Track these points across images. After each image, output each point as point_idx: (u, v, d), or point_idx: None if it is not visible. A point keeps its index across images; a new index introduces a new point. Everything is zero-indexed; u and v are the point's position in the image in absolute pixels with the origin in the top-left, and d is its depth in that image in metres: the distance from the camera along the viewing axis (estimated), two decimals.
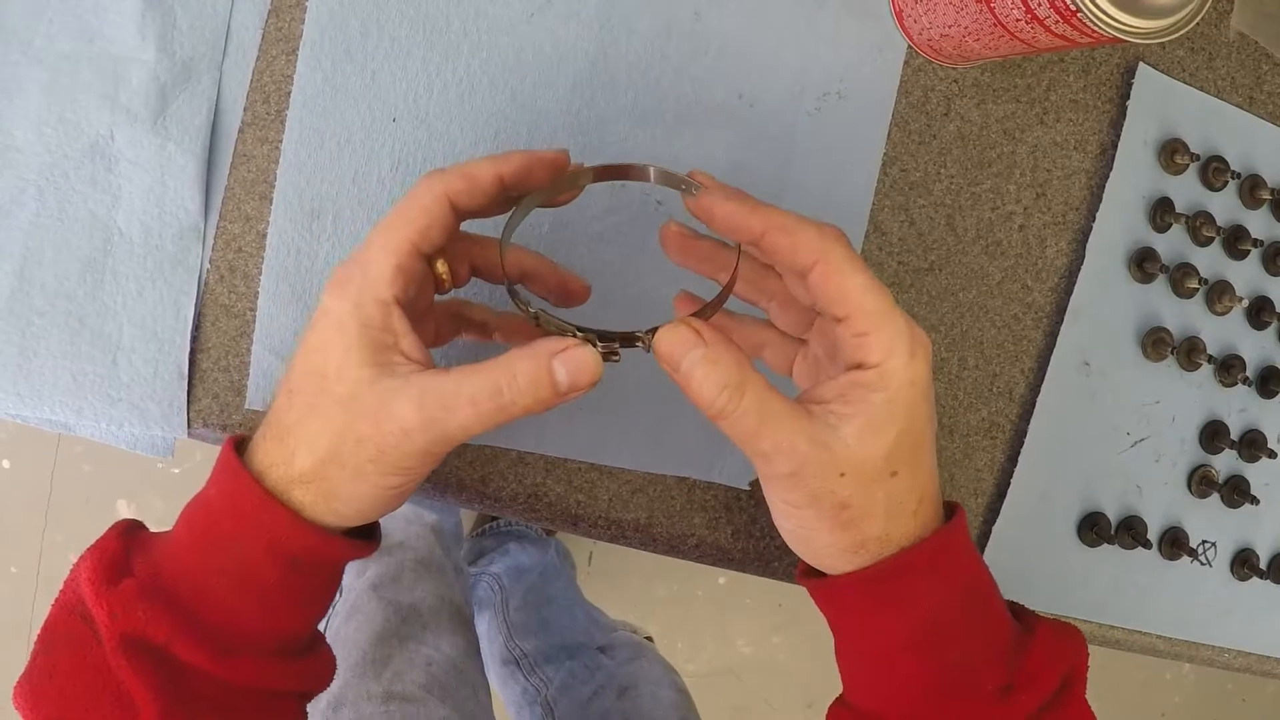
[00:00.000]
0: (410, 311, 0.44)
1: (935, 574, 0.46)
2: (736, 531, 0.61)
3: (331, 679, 0.51)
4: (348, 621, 1.02)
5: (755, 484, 0.61)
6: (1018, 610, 0.51)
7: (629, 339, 0.43)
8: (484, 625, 1.38)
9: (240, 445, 0.46)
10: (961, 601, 0.47)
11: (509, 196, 0.45)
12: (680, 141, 0.58)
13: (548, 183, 0.46)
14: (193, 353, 0.54)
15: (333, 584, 0.48)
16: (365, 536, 0.48)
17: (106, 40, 0.52)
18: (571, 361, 0.41)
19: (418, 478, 0.44)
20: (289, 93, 0.54)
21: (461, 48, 0.55)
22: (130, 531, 0.46)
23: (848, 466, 0.43)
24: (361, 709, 0.89)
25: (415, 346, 0.43)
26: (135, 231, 0.53)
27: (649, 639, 1.26)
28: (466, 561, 1.44)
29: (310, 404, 0.42)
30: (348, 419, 0.42)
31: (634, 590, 1.88)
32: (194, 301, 0.54)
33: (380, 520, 1.25)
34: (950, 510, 0.49)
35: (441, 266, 0.46)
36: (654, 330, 0.42)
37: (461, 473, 0.57)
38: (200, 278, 0.54)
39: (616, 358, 0.43)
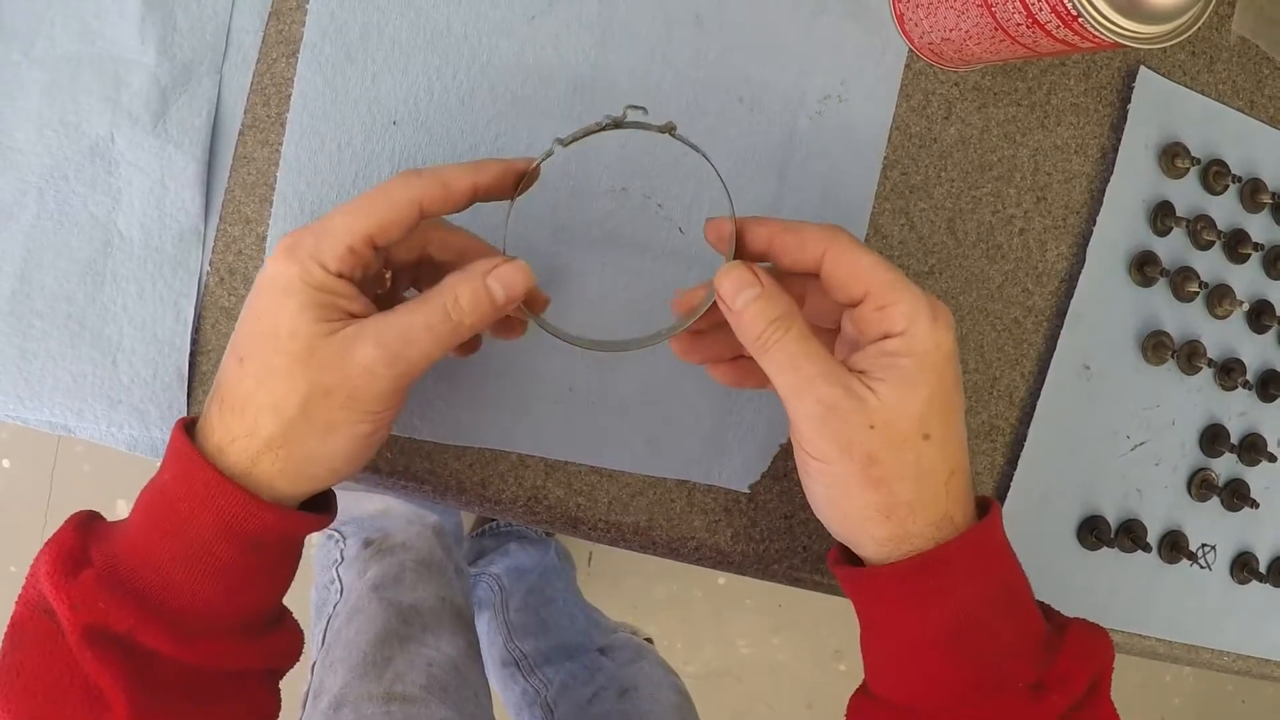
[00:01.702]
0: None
1: (973, 569, 0.47)
2: (736, 534, 0.61)
3: (299, 654, 0.51)
4: (349, 623, 1.02)
5: (755, 487, 0.61)
6: (1046, 609, 0.51)
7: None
8: (483, 626, 1.38)
9: (190, 426, 0.46)
10: (997, 598, 0.47)
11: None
12: (681, 145, 0.58)
13: (516, 189, 0.47)
14: (193, 355, 0.54)
15: (292, 559, 0.49)
16: (322, 509, 0.48)
17: (107, 42, 0.52)
18: (504, 277, 0.44)
19: (387, 423, 0.46)
20: (289, 95, 0.54)
21: (462, 51, 0.55)
22: (87, 523, 0.46)
23: (878, 420, 0.45)
24: (362, 710, 0.89)
25: (365, 308, 0.44)
26: (135, 234, 0.53)
27: (649, 640, 1.26)
28: (466, 562, 1.44)
29: (266, 367, 0.43)
30: (310, 374, 0.42)
31: (633, 591, 1.88)
32: (194, 304, 0.54)
33: (381, 521, 1.25)
34: (985, 505, 0.49)
35: (379, 258, 0.47)
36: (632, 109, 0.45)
37: (462, 475, 0.57)
38: (200, 280, 0.54)
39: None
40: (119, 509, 1.59)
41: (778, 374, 0.46)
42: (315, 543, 1.30)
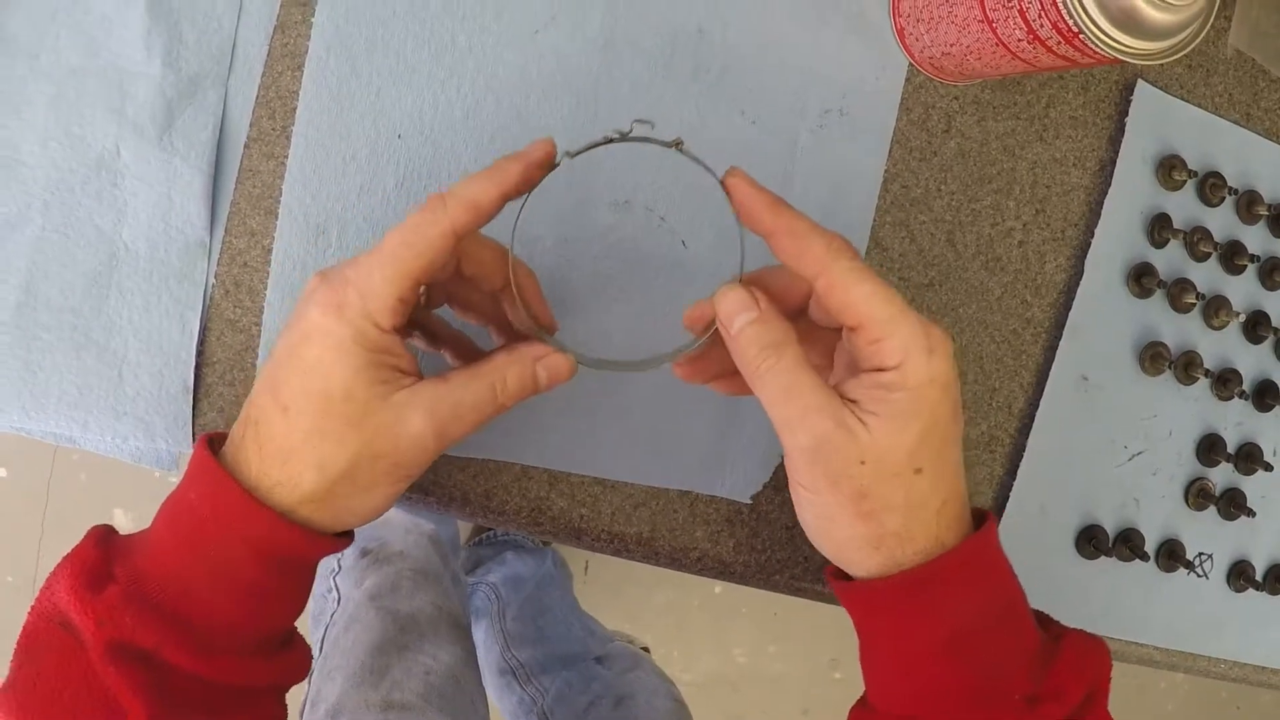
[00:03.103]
0: None
1: (968, 581, 0.47)
2: (738, 545, 0.62)
3: (309, 669, 0.52)
4: (346, 631, 1.02)
5: (757, 498, 0.61)
6: (1044, 620, 0.52)
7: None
8: (480, 634, 1.38)
9: (212, 442, 0.46)
10: (992, 609, 0.47)
11: None
12: (683, 157, 0.58)
13: (539, 179, 0.46)
14: (198, 367, 0.54)
15: (311, 578, 0.49)
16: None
17: (113, 55, 0.52)
18: (550, 366, 0.47)
19: (413, 480, 0.47)
20: (295, 108, 0.54)
21: (466, 64, 0.55)
22: (107, 538, 0.47)
23: (868, 456, 0.44)
24: (360, 717, 0.89)
25: (411, 362, 0.45)
26: (141, 246, 0.53)
27: (645, 649, 1.27)
28: (463, 570, 1.44)
29: (316, 426, 0.43)
30: (363, 439, 0.43)
31: (630, 599, 1.88)
32: (199, 316, 0.54)
33: (378, 530, 1.24)
34: (980, 518, 0.49)
35: (420, 289, 0.47)
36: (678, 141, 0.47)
37: (466, 487, 0.57)
38: (205, 292, 0.54)
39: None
40: (116, 518, 1.59)
41: (770, 404, 0.45)
42: None
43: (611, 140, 0.46)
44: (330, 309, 0.42)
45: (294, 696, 0.68)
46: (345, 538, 0.48)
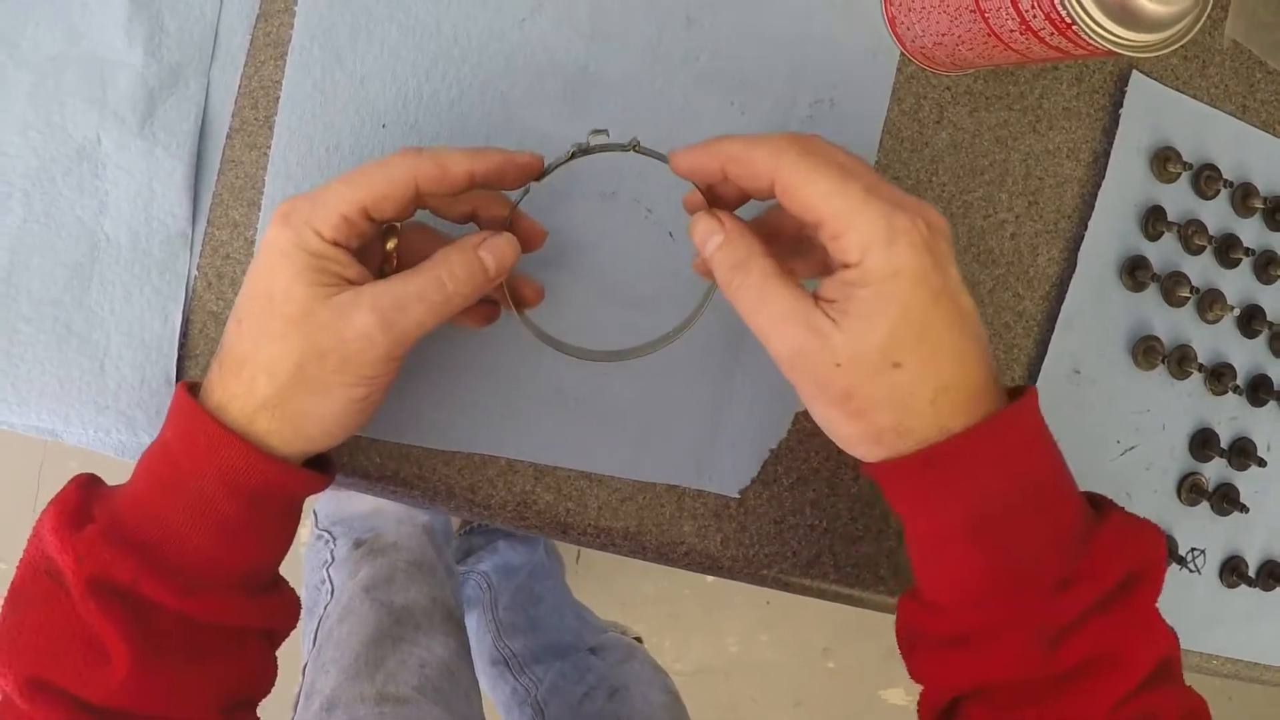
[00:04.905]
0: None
1: (985, 460, 0.45)
2: (726, 539, 0.61)
3: (296, 619, 0.52)
4: (340, 623, 1.02)
5: (745, 492, 0.61)
6: (1099, 501, 0.50)
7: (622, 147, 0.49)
8: (472, 624, 1.38)
9: (192, 389, 0.47)
10: (1018, 489, 0.46)
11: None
12: (671, 148, 0.57)
13: (518, 184, 0.48)
14: (180, 360, 0.54)
15: (292, 519, 0.50)
16: (322, 469, 0.49)
17: (93, 43, 0.52)
18: (493, 249, 0.47)
19: (382, 388, 0.47)
20: (278, 98, 0.54)
21: (452, 53, 0.55)
22: (89, 484, 0.48)
23: (842, 357, 0.44)
24: (355, 710, 0.89)
25: (360, 275, 0.45)
26: (123, 237, 0.53)
27: (638, 639, 1.26)
28: (455, 559, 1.44)
29: (262, 329, 0.44)
30: (305, 336, 0.43)
31: (621, 588, 1.88)
32: (182, 308, 0.54)
33: (372, 521, 1.24)
34: (1015, 395, 0.47)
35: (391, 245, 0.48)
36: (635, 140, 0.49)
37: (451, 480, 0.57)
38: (188, 284, 0.54)
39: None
40: None
41: (746, 317, 0.46)
42: (305, 543, 1.30)
43: (574, 156, 0.47)
44: (279, 220, 0.44)
45: (287, 692, 0.68)
46: (323, 475, 0.48)
